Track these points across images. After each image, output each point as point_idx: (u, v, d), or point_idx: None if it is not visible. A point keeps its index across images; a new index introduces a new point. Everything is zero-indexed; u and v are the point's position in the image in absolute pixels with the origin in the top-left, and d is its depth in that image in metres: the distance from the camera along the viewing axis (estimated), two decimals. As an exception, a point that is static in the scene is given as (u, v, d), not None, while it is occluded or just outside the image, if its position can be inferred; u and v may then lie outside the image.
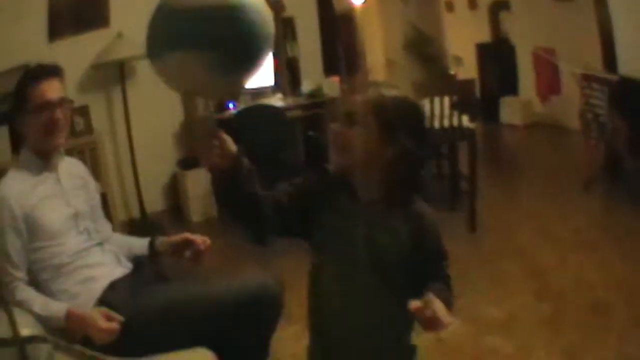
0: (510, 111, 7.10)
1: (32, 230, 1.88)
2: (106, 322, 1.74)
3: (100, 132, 4.60)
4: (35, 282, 1.88)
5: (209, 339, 1.91)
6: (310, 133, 5.46)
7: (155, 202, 4.95)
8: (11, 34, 4.15)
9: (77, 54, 4.49)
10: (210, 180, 1.34)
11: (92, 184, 2.23)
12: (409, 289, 1.34)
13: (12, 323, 1.46)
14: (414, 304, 1.21)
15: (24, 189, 1.91)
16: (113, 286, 1.96)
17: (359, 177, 1.44)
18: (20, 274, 1.85)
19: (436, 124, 3.96)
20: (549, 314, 2.96)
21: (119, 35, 4.51)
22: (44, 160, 2.01)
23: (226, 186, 1.40)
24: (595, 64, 5.10)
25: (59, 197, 1.99)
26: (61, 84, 2.02)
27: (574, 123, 5.61)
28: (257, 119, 4.52)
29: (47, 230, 1.91)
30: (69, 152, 3.54)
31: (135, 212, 4.79)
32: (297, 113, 5.29)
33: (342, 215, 1.44)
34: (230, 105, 4.88)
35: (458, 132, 4.04)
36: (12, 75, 3.57)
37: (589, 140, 4.63)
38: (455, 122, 3.98)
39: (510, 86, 7.09)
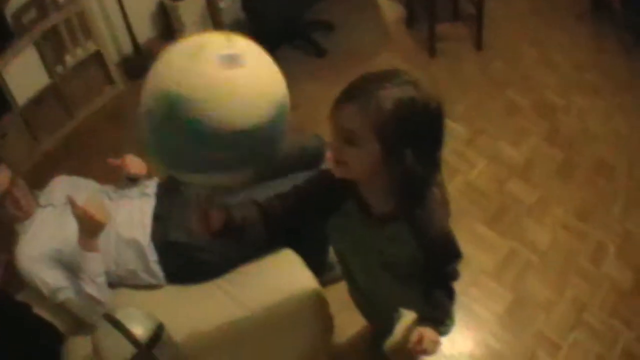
0: None
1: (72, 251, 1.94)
2: (98, 214, 1.89)
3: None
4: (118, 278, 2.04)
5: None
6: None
7: (146, 31, 4.16)
8: None
9: None
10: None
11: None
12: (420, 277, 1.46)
13: (130, 336, 1.66)
14: (410, 342, 1.31)
15: (37, 241, 1.99)
16: (157, 217, 2.07)
17: (366, 190, 1.41)
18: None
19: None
20: (561, 163, 3.40)
21: None
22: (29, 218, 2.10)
23: (225, 238, 1.49)
24: None
25: (60, 210, 2.09)
26: (4, 166, 2.10)
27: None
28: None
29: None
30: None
31: (128, 48, 4.10)
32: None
33: (352, 222, 1.47)
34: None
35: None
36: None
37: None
38: None
39: None
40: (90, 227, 1.86)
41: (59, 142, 3.38)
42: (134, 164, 2.22)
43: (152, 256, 2.01)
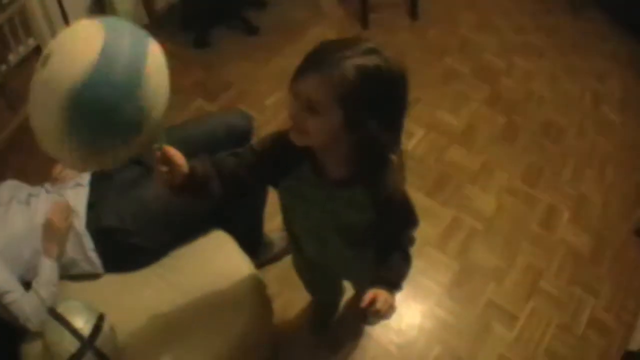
0: None
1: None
2: (61, 221, 1.87)
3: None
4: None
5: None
6: None
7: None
8: None
9: None
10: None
11: None
12: (373, 242, 1.47)
13: (74, 331, 1.66)
14: (363, 302, 1.29)
15: None
16: (91, 205, 2.01)
17: (324, 155, 1.37)
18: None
19: None
20: (504, 127, 3.12)
21: None
22: None
23: (185, 195, 1.41)
24: None
25: (4, 209, 1.98)
26: None
27: None
28: None
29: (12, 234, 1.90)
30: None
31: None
32: None
33: (307, 185, 1.44)
34: None
35: None
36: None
37: None
38: None
39: None
40: (53, 235, 1.86)
41: (5, 139, 3.21)
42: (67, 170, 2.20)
43: (89, 244, 1.96)
